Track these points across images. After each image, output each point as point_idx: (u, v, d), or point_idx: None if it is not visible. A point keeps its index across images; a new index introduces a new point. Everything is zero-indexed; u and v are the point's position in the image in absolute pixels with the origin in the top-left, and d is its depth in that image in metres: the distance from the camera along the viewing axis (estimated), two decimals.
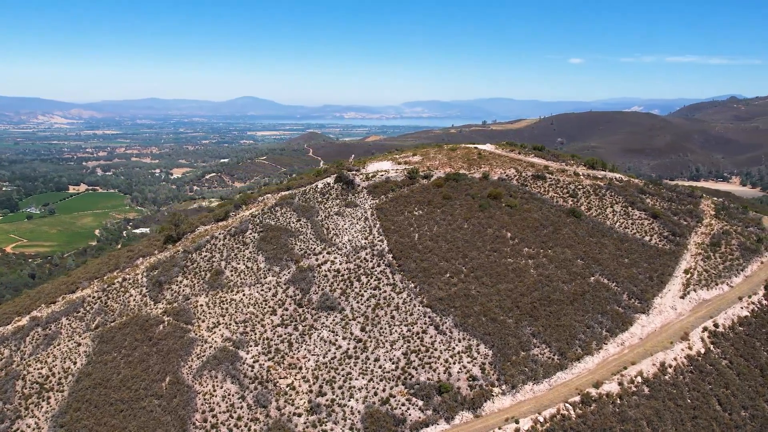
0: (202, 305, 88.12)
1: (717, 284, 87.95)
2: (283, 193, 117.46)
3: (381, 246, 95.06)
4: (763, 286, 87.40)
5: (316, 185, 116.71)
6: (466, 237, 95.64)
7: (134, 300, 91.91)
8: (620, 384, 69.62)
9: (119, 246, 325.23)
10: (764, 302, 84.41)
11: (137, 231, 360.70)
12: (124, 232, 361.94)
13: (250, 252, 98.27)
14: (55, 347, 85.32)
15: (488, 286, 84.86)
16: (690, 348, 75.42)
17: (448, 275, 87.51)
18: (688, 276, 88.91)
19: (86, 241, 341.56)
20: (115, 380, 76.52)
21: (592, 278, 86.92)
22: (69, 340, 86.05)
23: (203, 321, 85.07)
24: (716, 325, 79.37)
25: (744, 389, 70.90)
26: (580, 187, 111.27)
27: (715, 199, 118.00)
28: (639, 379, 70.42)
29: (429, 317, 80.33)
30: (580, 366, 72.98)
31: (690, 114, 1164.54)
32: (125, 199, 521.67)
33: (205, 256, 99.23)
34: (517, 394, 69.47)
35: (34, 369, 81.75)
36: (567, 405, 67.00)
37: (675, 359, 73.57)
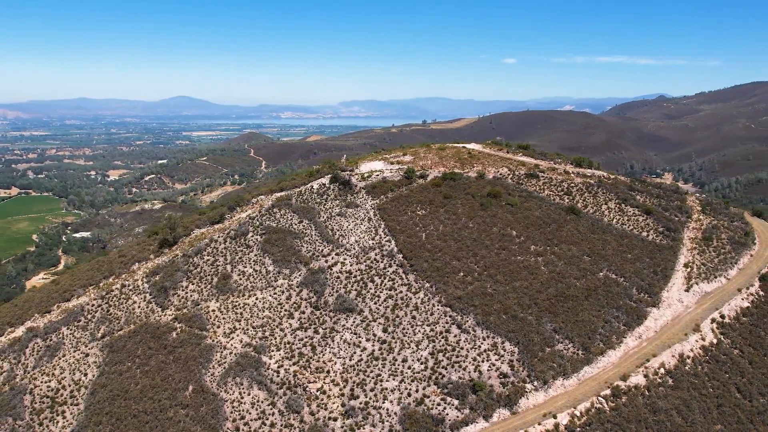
0: (213, 310, 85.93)
1: (716, 277, 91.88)
2: (277, 194, 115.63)
3: (389, 246, 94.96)
4: (758, 278, 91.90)
5: (311, 186, 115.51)
6: (473, 236, 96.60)
7: (139, 307, 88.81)
8: (646, 376, 71.92)
9: (60, 251, 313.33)
10: (761, 293, 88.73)
11: (77, 235, 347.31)
12: (64, 237, 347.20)
13: (255, 255, 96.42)
14: (60, 359, 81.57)
15: (503, 284, 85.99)
16: (703, 339, 78.59)
17: (461, 274, 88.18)
18: (689, 270, 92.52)
19: (24, 246, 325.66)
20: (134, 391, 73.76)
21: (601, 274, 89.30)
22: (75, 351, 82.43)
23: (218, 327, 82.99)
24: (723, 317, 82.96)
25: (758, 377, 74.42)
26: (573, 184, 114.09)
27: (698, 195, 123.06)
28: (662, 370, 72.94)
29: (450, 316, 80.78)
30: (605, 360, 74.93)
31: (622, 112, 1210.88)
32: (61, 202, 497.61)
33: (208, 260, 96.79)
34: (549, 389, 70.75)
35: (42, 382, 77.94)
36: (600, 398, 68.73)
37: (692, 350, 76.53)
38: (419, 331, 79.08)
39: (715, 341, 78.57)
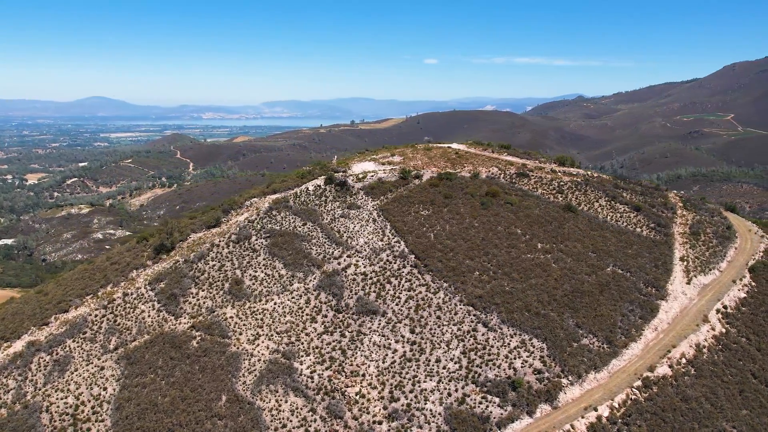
0: (231, 317, 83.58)
1: (710, 270, 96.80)
2: (271, 196, 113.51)
3: (399, 247, 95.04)
4: (747, 270, 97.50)
5: (307, 187, 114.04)
6: (480, 235, 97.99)
7: (149, 316, 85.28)
8: (670, 366, 75.10)
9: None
10: (753, 284, 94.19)
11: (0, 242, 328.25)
12: None
13: (264, 259, 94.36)
14: (73, 373, 77.28)
15: (520, 282, 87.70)
16: (713, 329, 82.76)
17: (477, 273, 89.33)
18: (685, 263, 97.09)
19: None
20: (163, 404, 70.79)
21: (608, 269, 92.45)
22: (87, 364, 78.31)
23: (241, 333, 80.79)
24: (725, 307, 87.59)
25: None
26: (563, 183, 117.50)
27: (676, 192, 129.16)
28: (683, 360, 76.37)
29: (474, 315, 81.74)
30: (629, 352, 77.70)
31: (544, 112, 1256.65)
32: None
33: (214, 265, 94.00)
34: (584, 383, 72.73)
35: (57, 399, 73.61)
36: (634, 390, 71.29)
37: (705, 340, 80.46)
38: (447, 330, 79.61)
39: (723, 331, 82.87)
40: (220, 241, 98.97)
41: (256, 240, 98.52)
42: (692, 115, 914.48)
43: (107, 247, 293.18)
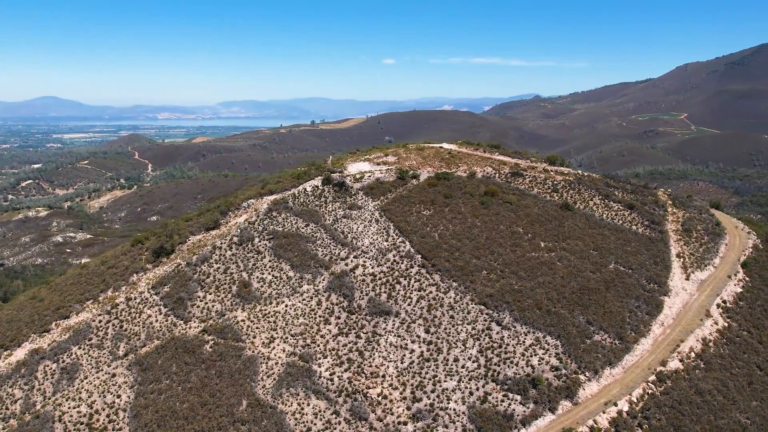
0: (243, 320, 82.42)
1: (706, 266, 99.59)
2: (268, 197, 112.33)
3: (405, 247, 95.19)
4: (740, 265, 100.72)
5: (305, 188, 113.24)
6: (484, 234, 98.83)
7: (157, 321, 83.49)
8: (681, 361, 77.05)
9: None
10: (747, 279, 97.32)
11: None
12: None
13: (269, 261, 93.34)
14: (83, 381, 75.15)
15: (527, 280, 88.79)
16: (716, 323, 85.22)
17: (485, 272, 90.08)
18: (682, 260, 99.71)
19: None
20: (182, 410, 69.40)
21: (611, 266, 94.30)
22: (97, 372, 76.26)
23: (254, 337, 79.75)
24: (725, 302, 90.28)
25: None
26: (557, 182, 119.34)
27: (664, 190, 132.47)
28: (692, 354, 78.45)
29: (487, 314, 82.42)
30: (640, 348, 79.42)
31: (502, 112, 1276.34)
32: None
33: (218, 267, 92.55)
34: (600, 379, 74.05)
35: (69, 408, 71.44)
36: (649, 384, 72.95)
37: (711, 334, 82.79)
38: (461, 330, 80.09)
39: (726, 325, 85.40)
40: (221, 244, 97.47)
41: (260, 242, 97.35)
42: (647, 114, 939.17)
43: (68, 250, 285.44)
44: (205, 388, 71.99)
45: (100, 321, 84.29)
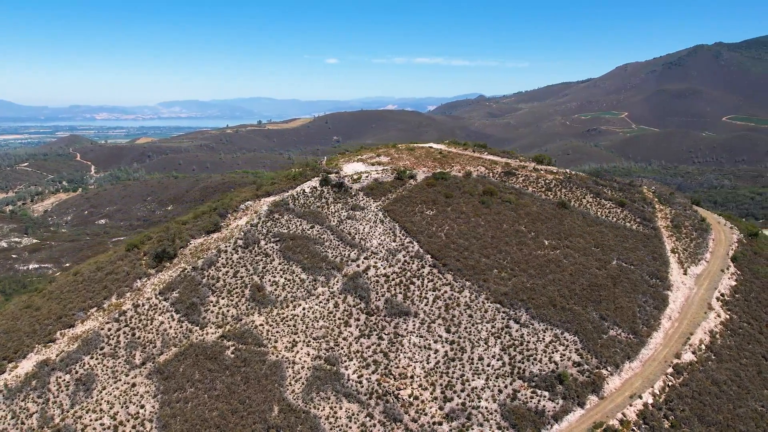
0: (262, 324, 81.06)
1: (699, 261, 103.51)
2: (266, 199, 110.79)
3: (414, 247, 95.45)
4: (730, 259, 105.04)
5: (303, 189, 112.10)
6: (489, 233, 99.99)
7: (171, 327, 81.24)
8: (694, 353, 79.91)
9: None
10: (739, 273, 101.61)
11: None
12: None
13: (279, 263, 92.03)
14: (101, 392, 72.49)
15: (537, 278, 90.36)
16: (719, 316, 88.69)
17: (495, 271, 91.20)
18: (677, 255, 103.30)
19: None
20: (213, 419, 67.79)
21: (614, 263, 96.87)
22: (115, 382, 73.69)
23: (276, 341, 78.55)
24: (723, 295, 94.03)
25: None
26: (548, 181, 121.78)
27: (648, 187, 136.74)
28: (703, 346, 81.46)
29: (503, 312, 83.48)
30: (653, 341, 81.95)
31: (448, 111, 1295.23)
32: None
33: (227, 271, 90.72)
34: (622, 373, 76.07)
35: (91, 420, 68.81)
36: (669, 377, 75.39)
37: (716, 326, 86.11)
38: (481, 329, 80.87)
39: (727, 317, 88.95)
40: (226, 247, 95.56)
41: (266, 244, 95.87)
42: (589, 113, 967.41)
43: (14, 256, 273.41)
44: (233, 395, 70.52)
45: (109, 329, 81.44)
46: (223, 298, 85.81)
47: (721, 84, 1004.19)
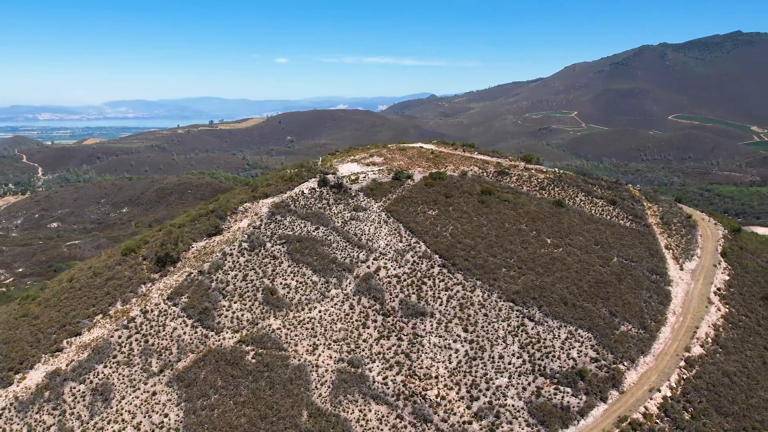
0: (279, 328, 79.91)
1: (692, 256, 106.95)
2: (265, 200, 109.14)
3: (421, 247, 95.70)
4: (720, 254, 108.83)
5: (302, 191, 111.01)
6: (493, 232, 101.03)
7: (185, 333, 79.29)
8: (702, 346, 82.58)
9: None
10: (730, 267, 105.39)
11: None
12: None
13: (288, 266, 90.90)
14: (120, 402, 70.22)
15: (545, 276, 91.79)
16: (719, 309, 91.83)
17: (504, 270, 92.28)
18: (671, 251, 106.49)
19: None
20: (243, 425, 66.37)
21: (615, 260, 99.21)
22: (134, 391, 71.51)
23: (296, 345, 77.58)
24: (719, 289, 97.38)
25: None
26: (541, 180, 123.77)
27: (632, 185, 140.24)
28: (709, 340, 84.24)
29: (517, 311, 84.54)
30: (662, 336, 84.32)
31: (400, 111, 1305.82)
32: None
33: (236, 275, 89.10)
34: (638, 367, 78.02)
35: None
36: (682, 370, 77.71)
37: (718, 320, 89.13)
38: (498, 327, 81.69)
39: (726, 311, 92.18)
40: (231, 250, 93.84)
41: (272, 246, 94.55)
42: (540, 112, 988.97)
43: None
44: (259, 401, 69.35)
45: (119, 336, 78.98)
46: (235, 302, 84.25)
47: (666, 83, 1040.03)
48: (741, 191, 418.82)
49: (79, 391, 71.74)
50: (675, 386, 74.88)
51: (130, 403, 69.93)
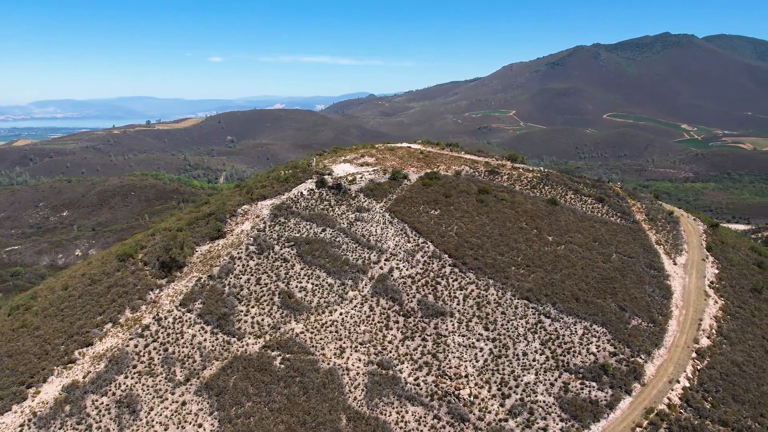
0: (302, 332, 78.71)
1: (681, 251, 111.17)
2: (263, 202, 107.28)
3: (429, 247, 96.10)
4: (705, 249, 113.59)
5: (300, 192, 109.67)
6: (496, 231, 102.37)
7: (206, 340, 77.11)
8: (708, 338, 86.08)
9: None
10: (717, 261, 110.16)
11: None
12: None
13: (302, 268, 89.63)
14: (149, 413, 67.71)
15: (553, 273, 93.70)
16: (717, 302, 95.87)
17: (513, 268, 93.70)
18: (662, 246, 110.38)
19: None
20: None
21: (614, 256, 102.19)
22: (162, 401, 69.06)
23: (323, 348, 76.59)
24: (712, 282, 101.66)
25: (765, 326, 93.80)
26: (530, 179, 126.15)
27: (614, 183, 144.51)
28: (713, 331, 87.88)
29: (533, 308, 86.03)
30: (670, 329, 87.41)
31: (340, 110, 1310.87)
32: None
33: (249, 279, 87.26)
34: (654, 360, 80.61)
35: None
36: (695, 361, 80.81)
37: (717, 312, 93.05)
38: (517, 325, 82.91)
39: (723, 303, 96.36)
40: (238, 254, 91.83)
41: (281, 249, 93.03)
42: (480, 111, 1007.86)
43: None
44: (295, 407, 68.20)
45: (135, 345, 76.14)
46: (253, 307, 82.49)
47: (600, 83, 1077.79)
48: (677, 187, 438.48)
49: (102, 403, 68.77)
50: (691, 377, 77.77)
51: (160, 414, 67.57)
